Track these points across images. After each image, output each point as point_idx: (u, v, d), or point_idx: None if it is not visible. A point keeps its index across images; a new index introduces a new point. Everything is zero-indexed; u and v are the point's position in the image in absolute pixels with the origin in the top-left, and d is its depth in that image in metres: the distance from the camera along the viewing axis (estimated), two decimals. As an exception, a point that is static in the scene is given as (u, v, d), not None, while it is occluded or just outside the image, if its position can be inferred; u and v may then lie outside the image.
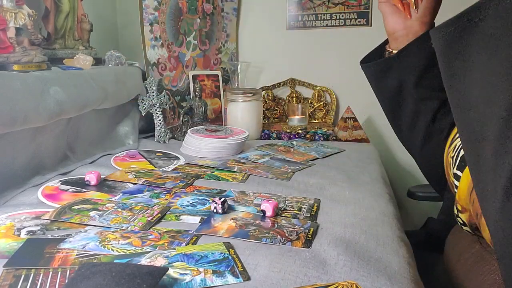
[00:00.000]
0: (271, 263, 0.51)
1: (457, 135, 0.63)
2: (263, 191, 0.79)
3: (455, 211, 0.61)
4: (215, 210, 0.66)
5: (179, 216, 0.66)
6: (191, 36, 1.36)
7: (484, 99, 0.36)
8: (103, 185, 0.80)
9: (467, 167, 0.56)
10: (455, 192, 0.60)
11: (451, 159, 0.63)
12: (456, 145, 0.62)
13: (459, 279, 0.61)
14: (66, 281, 0.47)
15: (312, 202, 0.73)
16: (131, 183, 0.81)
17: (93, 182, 0.79)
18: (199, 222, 0.64)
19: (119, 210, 0.67)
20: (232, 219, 0.64)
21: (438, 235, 0.77)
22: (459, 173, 0.59)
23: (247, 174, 0.88)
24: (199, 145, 1.03)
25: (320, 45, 1.51)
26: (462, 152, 0.59)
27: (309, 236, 0.59)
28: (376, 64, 0.73)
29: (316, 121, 1.51)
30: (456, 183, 0.59)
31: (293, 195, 0.77)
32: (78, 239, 0.57)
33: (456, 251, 0.66)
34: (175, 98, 1.30)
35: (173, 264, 0.50)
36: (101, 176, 0.82)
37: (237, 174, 0.89)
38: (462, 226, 0.61)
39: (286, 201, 0.73)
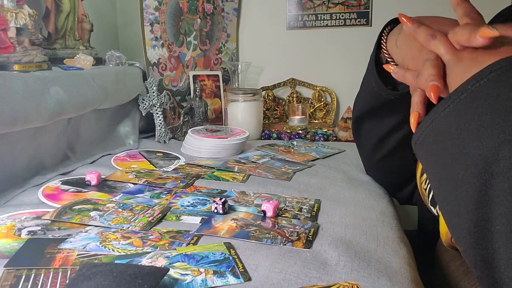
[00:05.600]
0: (272, 264, 0.51)
1: None
2: (263, 191, 0.79)
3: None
4: (215, 211, 0.66)
5: (180, 216, 0.66)
6: (191, 36, 1.36)
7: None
8: (103, 185, 0.80)
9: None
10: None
11: (424, 191, 0.64)
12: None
13: (454, 281, 0.62)
14: (67, 281, 0.47)
15: (313, 202, 0.73)
16: (132, 183, 0.81)
17: (93, 182, 0.79)
18: (200, 223, 0.64)
19: (120, 210, 0.67)
20: (233, 219, 0.64)
21: (431, 235, 0.77)
22: (432, 209, 0.61)
23: (248, 175, 0.88)
24: (199, 145, 1.03)
25: (320, 45, 1.51)
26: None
27: (310, 236, 0.59)
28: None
29: (317, 121, 1.51)
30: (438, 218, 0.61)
31: (293, 195, 0.77)
32: (79, 239, 0.57)
33: (447, 256, 0.66)
34: (175, 98, 1.30)
35: (174, 264, 0.50)
36: (102, 176, 0.82)
37: (238, 174, 0.89)
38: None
39: (287, 202, 0.73)
